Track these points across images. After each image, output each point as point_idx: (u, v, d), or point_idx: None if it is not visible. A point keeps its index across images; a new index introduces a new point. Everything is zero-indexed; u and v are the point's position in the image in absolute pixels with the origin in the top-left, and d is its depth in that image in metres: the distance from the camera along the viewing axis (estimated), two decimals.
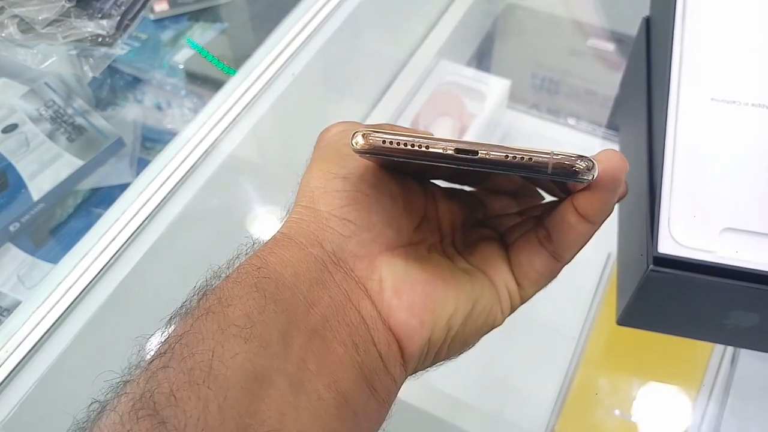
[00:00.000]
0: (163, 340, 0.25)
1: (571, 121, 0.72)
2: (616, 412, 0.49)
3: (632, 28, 0.51)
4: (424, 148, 0.25)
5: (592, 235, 0.29)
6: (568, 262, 0.31)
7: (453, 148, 0.25)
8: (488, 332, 0.31)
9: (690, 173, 0.36)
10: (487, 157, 0.25)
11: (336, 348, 0.26)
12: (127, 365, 0.25)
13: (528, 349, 0.53)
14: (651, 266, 0.35)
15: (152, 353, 0.24)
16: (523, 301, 0.32)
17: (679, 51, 0.39)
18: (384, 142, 0.25)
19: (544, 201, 0.35)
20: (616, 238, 0.47)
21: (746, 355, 0.51)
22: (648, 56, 0.46)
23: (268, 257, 0.27)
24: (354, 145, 0.26)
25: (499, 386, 0.52)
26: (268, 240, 0.29)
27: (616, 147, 0.54)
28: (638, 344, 0.51)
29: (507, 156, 0.25)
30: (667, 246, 0.35)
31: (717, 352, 0.51)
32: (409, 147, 0.25)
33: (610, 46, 0.79)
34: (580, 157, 0.25)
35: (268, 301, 0.25)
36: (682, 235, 0.35)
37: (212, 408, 0.22)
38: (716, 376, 0.50)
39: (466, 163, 0.25)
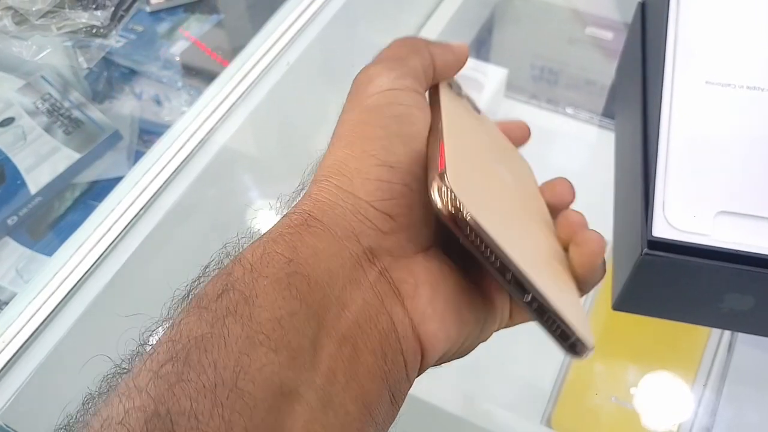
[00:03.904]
0: (173, 334, 0.22)
1: (569, 111, 0.72)
2: (613, 399, 0.49)
3: (630, 15, 0.51)
4: (500, 265, 0.23)
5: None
6: None
7: (521, 289, 0.24)
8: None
9: (685, 157, 0.36)
10: (536, 304, 0.24)
11: (366, 357, 0.24)
12: (125, 356, 0.23)
13: (524, 336, 0.53)
14: (645, 250, 0.34)
15: (160, 349, 0.22)
16: (506, 327, 0.31)
17: (673, 35, 0.39)
18: (471, 234, 0.23)
19: None
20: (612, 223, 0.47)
21: (743, 342, 0.50)
22: (643, 41, 0.45)
23: (300, 246, 0.24)
24: (435, 200, 0.23)
25: (495, 373, 0.52)
26: (294, 216, 0.26)
27: (611, 135, 0.54)
28: (635, 331, 0.51)
29: (546, 317, 0.24)
30: (661, 229, 0.35)
31: (714, 339, 0.51)
32: (488, 254, 0.23)
33: (609, 34, 0.78)
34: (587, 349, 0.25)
35: (300, 304, 0.23)
36: (677, 218, 0.35)
37: (237, 431, 0.20)
38: (713, 362, 0.50)
39: (516, 292, 0.24)
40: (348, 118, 0.28)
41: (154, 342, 0.22)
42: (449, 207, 0.23)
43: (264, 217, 0.52)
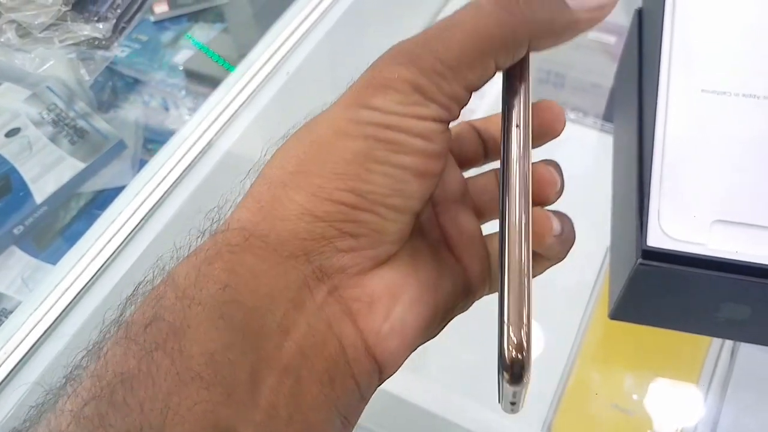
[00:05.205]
0: (98, 368, 0.20)
1: (572, 116, 0.72)
2: (614, 406, 0.49)
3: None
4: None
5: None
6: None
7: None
8: None
9: (680, 165, 0.36)
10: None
11: (310, 388, 0.22)
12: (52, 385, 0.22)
13: None
14: (640, 260, 0.34)
15: (84, 385, 0.20)
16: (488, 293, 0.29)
17: (669, 42, 0.39)
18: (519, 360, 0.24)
19: None
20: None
21: (746, 347, 0.50)
22: (640, 48, 0.45)
23: (238, 269, 0.22)
24: (505, 352, 0.24)
25: (495, 379, 0.51)
26: (234, 233, 0.23)
27: (610, 138, 0.54)
28: (636, 336, 0.51)
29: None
30: (656, 239, 0.35)
31: (716, 345, 0.50)
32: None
33: (612, 39, 0.78)
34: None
35: (235, 334, 0.21)
36: (672, 227, 0.35)
37: None
38: (715, 366, 0.49)
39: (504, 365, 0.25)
40: (332, 116, 0.24)
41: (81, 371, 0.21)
42: (513, 357, 0.24)
43: None
